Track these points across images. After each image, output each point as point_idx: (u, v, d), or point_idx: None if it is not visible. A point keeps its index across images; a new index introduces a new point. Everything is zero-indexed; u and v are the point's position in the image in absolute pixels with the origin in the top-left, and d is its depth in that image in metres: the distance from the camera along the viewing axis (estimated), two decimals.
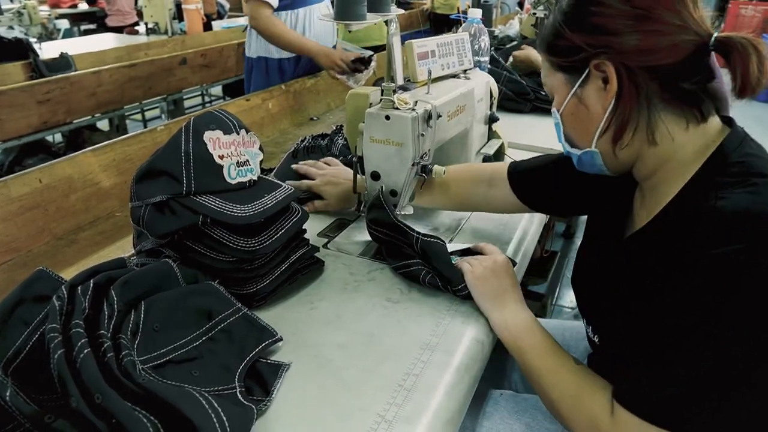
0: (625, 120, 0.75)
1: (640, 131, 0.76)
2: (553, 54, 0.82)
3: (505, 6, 4.87)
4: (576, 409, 0.76)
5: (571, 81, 0.80)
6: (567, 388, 0.78)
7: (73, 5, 6.77)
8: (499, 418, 0.93)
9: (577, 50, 0.77)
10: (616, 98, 0.75)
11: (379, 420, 0.70)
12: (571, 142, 0.85)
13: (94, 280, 0.74)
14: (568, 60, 0.79)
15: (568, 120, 0.83)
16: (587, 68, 0.77)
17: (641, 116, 0.75)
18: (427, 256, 0.97)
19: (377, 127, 1.02)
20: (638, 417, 0.66)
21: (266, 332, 0.82)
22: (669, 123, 0.75)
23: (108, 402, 0.58)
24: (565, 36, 0.78)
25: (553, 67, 0.83)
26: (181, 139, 0.87)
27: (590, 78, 0.77)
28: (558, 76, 0.82)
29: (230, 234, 0.86)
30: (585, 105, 0.79)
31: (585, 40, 0.76)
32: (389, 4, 1.34)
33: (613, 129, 0.77)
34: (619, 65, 0.73)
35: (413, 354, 0.82)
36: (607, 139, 0.79)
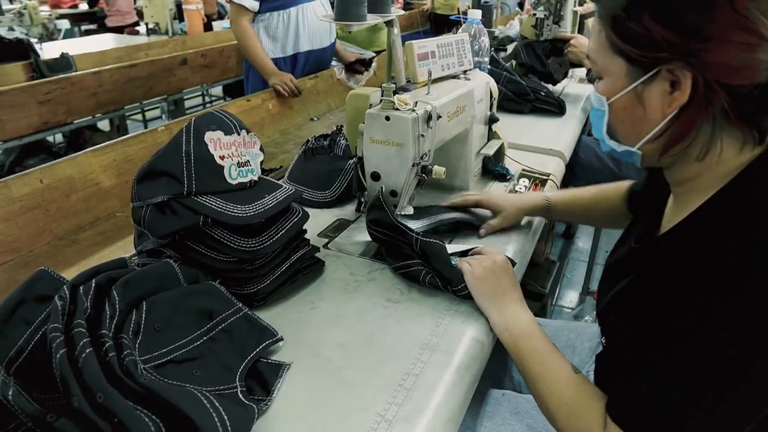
0: (683, 132, 0.69)
1: (693, 146, 0.70)
2: (622, 38, 0.70)
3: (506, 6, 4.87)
4: (571, 419, 0.75)
5: (634, 74, 0.70)
6: (564, 396, 0.77)
7: (74, 5, 6.77)
8: (501, 419, 0.94)
9: (655, 45, 0.66)
10: (681, 108, 0.68)
11: (379, 419, 0.70)
12: (612, 134, 0.78)
13: (96, 280, 0.74)
14: (638, 52, 0.69)
15: (617, 113, 0.75)
16: (658, 68, 0.68)
17: (701, 132, 0.68)
18: (426, 257, 0.97)
19: (377, 128, 1.02)
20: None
21: (267, 332, 0.82)
22: (726, 143, 0.68)
23: (110, 401, 0.58)
24: (644, 23, 0.67)
25: (614, 50, 0.72)
26: (182, 139, 0.88)
27: (656, 77, 0.68)
28: (617, 62, 0.72)
29: (231, 234, 0.86)
30: (643, 105, 0.71)
31: (669, 37, 0.65)
32: (389, 5, 1.35)
33: (667, 138, 0.71)
34: (698, 76, 0.64)
35: (413, 354, 0.82)
36: (657, 145, 0.73)
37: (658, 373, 0.65)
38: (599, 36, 0.74)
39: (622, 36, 0.70)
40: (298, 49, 2.49)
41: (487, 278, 0.92)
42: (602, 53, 0.74)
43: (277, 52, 2.47)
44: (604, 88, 0.75)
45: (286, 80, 2.29)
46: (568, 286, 2.74)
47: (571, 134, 1.88)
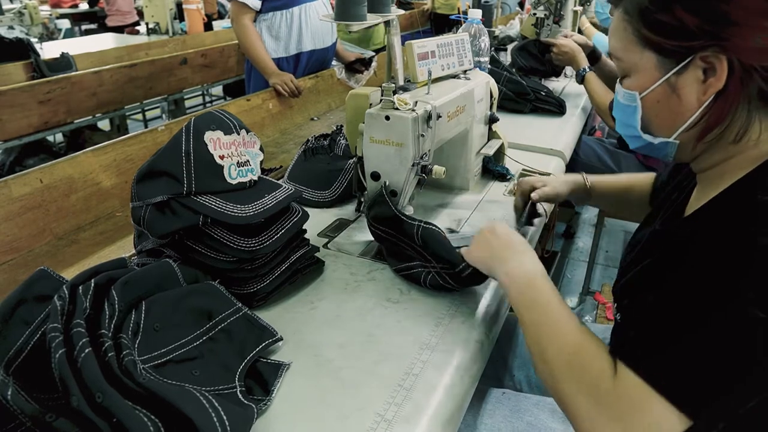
0: (721, 117, 0.70)
1: (730, 129, 0.71)
2: (652, 30, 0.71)
3: (506, 6, 4.87)
4: (573, 366, 0.69)
5: (665, 65, 0.72)
6: (566, 344, 0.72)
7: (74, 5, 6.77)
8: (502, 417, 0.93)
9: (689, 35, 0.68)
10: (717, 93, 0.69)
11: (378, 419, 0.70)
12: (646, 128, 0.78)
13: (95, 279, 0.74)
14: (671, 42, 0.70)
15: (652, 107, 0.76)
16: (692, 56, 0.69)
17: (737, 115, 0.70)
18: (427, 245, 0.96)
19: (377, 128, 1.02)
20: (643, 380, 0.62)
21: (266, 332, 0.82)
22: (764, 124, 0.70)
23: (109, 401, 0.58)
24: (675, 14, 0.68)
25: (642, 43, 0.73)
26: (182, 139, 0.88)
27: (690, 66, 0.70)
28: (647, 56, 0.73)
29: (231, 234, 0.86)
30: (677, 94, 0.72)
31: (702, 25, 0.67)
32: (389, 5, 1.35)
33: (704, 124, 0.72)
34: (734, 61, 0.66)
35: (413, 354, 0.82)
36: (694, 133, 0.74)
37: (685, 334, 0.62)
38: (624, 33, 0.75)
39: (653, 29, 0.71)
40: (301, 48, 2.49)
41: (484, 243, 0.89)
42: (630, 49, 0.75)
43: (280, 52, 2.47)
44: (634, 84, 0.76)
45: (286, 80, 2.29)
46: (568, 286, 2.73)
47: (572, 134, 1.88)
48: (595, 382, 0.66)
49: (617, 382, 0.64)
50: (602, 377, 0.66)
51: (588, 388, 0.66)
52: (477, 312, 0.92)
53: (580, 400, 0.66)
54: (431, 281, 0.96)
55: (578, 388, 0.67)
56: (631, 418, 0.62)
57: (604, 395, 0.64)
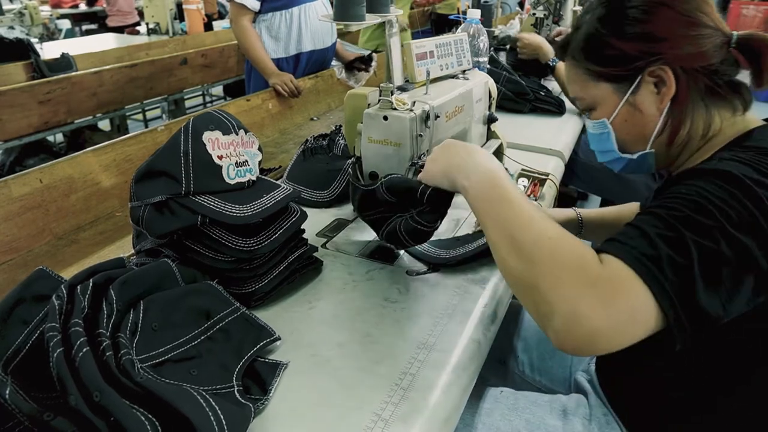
0: (682, 118, 0.80)
1: (695, 127, 0.80)
2: (599, 64, 0.83)
3: (506, 6, 4.87)
4: (555, 251, 0.65)
5: (621, 89, 0.82)
6: (546, 230, 0.68)
7: (75, 5, 6.78)
8: (500, 415, 0.94)
9: (631, 59, 0.79)
10: (673, 99, 0.79)
11: (375, 419, 0.70)
12: (623, 147, 0.87)
13: (94, 279, 0.75)
14: (617, 69, 0.81)
15: (620, 128, 0.86)
16: (640, 75, 0.80)
17: (697, 113, 0.80)
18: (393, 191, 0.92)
19: (375, 128, 1.02)
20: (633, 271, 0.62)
21: (264, 331, 0.82)
22: (721, 115, 0.80)
23: (106, 400, 0.58)
24: (613, 46, 0.80)
25: (594, 78, 0.85)
26: (180, 139, 0.88)
27: (642, 83, 0.80)
28: (603, 87, 0.84)
29: (229, 234, 0.87)
30: (639, 110, 0.82)
31: (638, 48, 0.79)
32: (388, 5, 1.35)
33: (670, 128, 0.81)
34: (677, 69, 0.78)
35: (410, 353, 0.82)
36: (664, 139, 0.82)
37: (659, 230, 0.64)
38: (577, 76, 0.87)
39: (599, 63, 0.83)
40: (301, 49, 2.49)
41: (436, 158, 0.85)
42: (587, 87, 0.86)
43: (279, 52, 2.47)
44: (601, 113, 0.86)
45: (286, 80, 2.30)
46: None
47: (571, 134, 1.88)
48: (581, 264, 0.64)
49: (604, 266, 0.64)
50: (589, 261, 0.64)
51: (575, 271, 0.63)
52: (474, 312, 0.93)
53: (563, 282, 0.63)
54: (405, 226, 0.90)
55: (562, 272, 0.64)
56: (614, 300, 0.61)
57: (589, 277, 0.63)
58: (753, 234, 0.62)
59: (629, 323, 0.61)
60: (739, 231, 0.61)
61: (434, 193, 0.86)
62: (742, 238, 0.61)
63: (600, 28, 0.82)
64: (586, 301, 0.61)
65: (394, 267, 1.06)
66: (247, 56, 2.48)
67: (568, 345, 0.63)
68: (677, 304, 0.61)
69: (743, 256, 0.61)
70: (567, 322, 0.62)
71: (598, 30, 0.82)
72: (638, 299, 0.61)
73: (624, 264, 0.63)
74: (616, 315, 0.61)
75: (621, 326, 0.61)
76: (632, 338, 0.62)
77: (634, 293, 0.61)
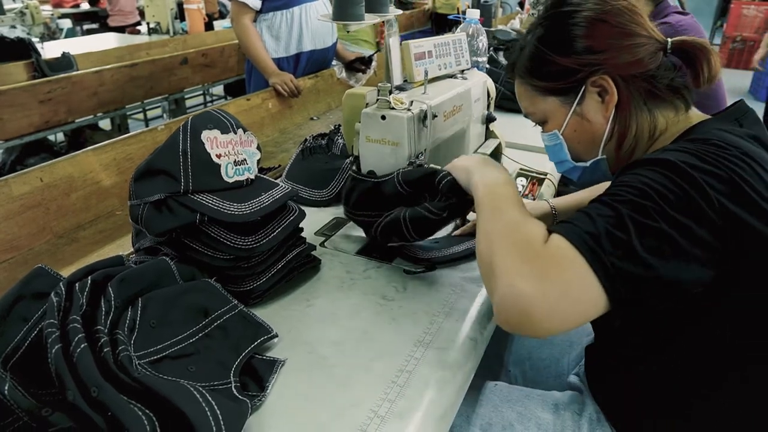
0: (628, 123, 0.84)
1: (641, 130, 0.85)
2: (543, 80, 0.88)
3: (507, 6, 4.87)
4: (509, 232, 0.73)
5: (567, 101, 0.87)
6: (510, 219, 0.76)
7: (76, 5, 6.78)
8: (492, 407, 0.95)
9: (572, 72, 0.84)
10: (617, 106, 0.84)
11: (371, 416, 0.71)
12: (576, 156, 0.92)
13: (92, 276, 0.75)
14: (561, 82, 0.86)
15: (571, 137, 0.90)
16: (583, 86, 0.85)
17: (641, 116, 0.84)
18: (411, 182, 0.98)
19: (373, 127, 1.03)
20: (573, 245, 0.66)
21: (262, 329, 0.83)
22: (664, 115, 0.85)
23: (104, 395, 0.59)
24: (554, 61, 0.85)
25: (542, 93, 0.90)
26: (179, 138, 0.88)
27: (586, 94, 0.85)
28: (550, 100, 0.89)
29: (227, 232, 0.87)
30: (587, 119, 0.87)
31: (578, 62, 0.84)
32: (387, 5, 1.35)
33: (618, 133, 0.86)
34: (616, 77, 0.83)
35: (407, 351, 0.83)
36: (612, 144, 0.87)
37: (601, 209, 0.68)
38: (526, 92, 0.93)
39: (544, 79, 0.88)
40: (301, 48, 2.49)
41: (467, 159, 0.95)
42: (535, 102, 0.92)
43: (280, 52, 2.47)
44: (552, 126, 0.91)
45: (286, 80, 2.30)
46: None
47: None
48: (526, 241, 0.70)
49: (548, 244, 0.68)
50: (535, 240, 0.70)
51: (519, 247, 0.69)
52: (471, 310, 0.93)
53: (509, 257, 0.69)
54: (411, 213, 0.94)
55: (510, 249, 0.70)
56: (549, 273, 0.65)
57: (532, 252, 0.68)
58: (690, 213, 0.65)
59: (564, 297, 0.64)
60: (677, 211, 0.65)
61: (453, 180, 0.93)
62: (679, 217, 0.65)
63: (541, 46, 0.87)
64: (523, 275, 0.66)
65: (391, 265, 1.06)
66: (247, 55, 2.49)
67: (505, 318, 0.67)
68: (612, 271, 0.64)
69: (682, 232, 0.64)
70: (504, 294, 0.66)
71: (540, 49, 0.87)
72: (574, 272, 0.65)
73: (565, 240, 0.67)
74: (551, 288, 0.64)
75: (555, 300, 0.64)
76: (570, 315, 0.65)
77: (571, 266, 0.65)
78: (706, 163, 0.68)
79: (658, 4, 2.04)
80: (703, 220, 0.65)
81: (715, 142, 0.72)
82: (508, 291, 0.66)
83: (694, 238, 0.65)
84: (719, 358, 0.75)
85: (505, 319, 0.67)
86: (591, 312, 0.66)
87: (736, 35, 7.27)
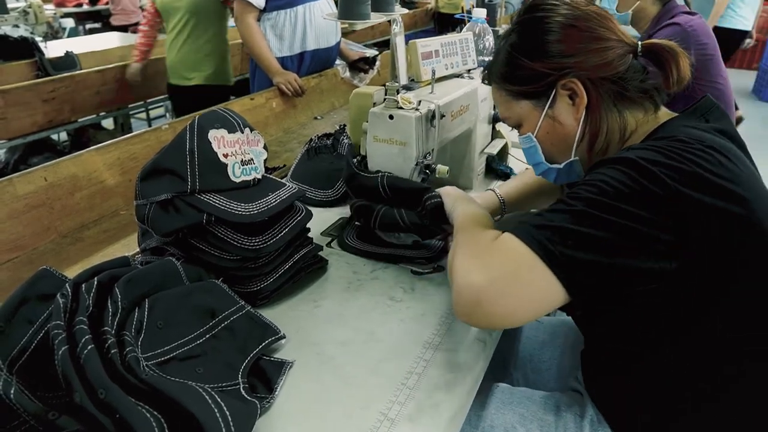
0: (598, 124, 0.86)
1: (612, 131, 0.86)
2: (516, 84, 0.90)
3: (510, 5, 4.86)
4: (467, 237, 0.81)
5: (540, 104, 0.89)
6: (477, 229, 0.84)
7: (78, 4, 6.78)
8: (494, 409, 0.94)
9: (542, 76, 0.86)
10: (587, 108, 0.85)
11: (381, 418, 0.70)
12: (551, 159, 0.94)
13: (98, 278, 0.74)
14: (533, 86, 0.88)
15: (545, 139, 0.92)
16: (554, 89, 0.87)
17: (611, 117, 0.86)
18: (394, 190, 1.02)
19: (381, 127, 1.02)
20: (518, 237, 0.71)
21: (269, 330, 0.82)
22: (633, 117, 0.86)
23: (111, 397, 0.58)
24: (525, 66, 0.87)
25: (515, 98, 0.92)
26: (186, 137, 0.88)
27: (557, 97, 0.87)
28: (523, 104, 0.91)
29: (234, 232, 0.86)
30: (559, 122, 0.89)
31: (548, 65, 0.86)
32: (393, 4, 1.35)
33: (589, 135, 0.87)
34: (585, 80, 0.84)
35: (416, 352, 0.82)
36: (584, 146, 0.89)
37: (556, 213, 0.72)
38: (500, 97, 0.94)
39: (516, 83, 0.90)
40: (305, 47, 2.48)
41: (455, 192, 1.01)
42: (509, 106, 0.93)
43: (284, 51, 2.46)
44: (526, 128, 0.93)
45: (290, 79, 2.29)
46: None
47: None
48: (477, 241, 0.79)
49: (497, 240, 0.75)
50: (485, 239, 0.78)
51: (472, 247, 0.78)
52: None
53: (464, 257, 0.76)
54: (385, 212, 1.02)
55: (465, 250, 0.78)
56: (495, 261, 0.72)
57: (482, 248, 0.76)
58: (646, 205, 0.67)
59: (512, 284, 0.70)
60: (632, 205, 0.67)
61: (440, 203, 0.98)
62: (634, 209, 0.67)
63: (513, 52, 0.89)
64: (473, 268, 0.73)
65: (398, 266, 1.05)
66: (251, 54, 2.48)
67: (461, 311, 0.73)
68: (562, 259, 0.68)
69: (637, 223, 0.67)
70: (458, 287, 0.73)
71: (512, 54, 0.89)
72: (521, 261, 0.70)
73: (512, 235, 0.73)
74: (498, 276, 0.70)
75: (503, 287, 0.70)
76: (521, 301, 0.70)
77: (517, 256, 0.70)
78: (670, 159, 0.70)
79: (665, 4, 2.03)
80: (660, 212, 0.67)
81: (680, 138, 0.75)
82: (461, 283, 0.73)
83: (650, 229, 0.67)
84: (713, 355, 0.75)
85: (461, 311, 0.73)
86: (545, 300, 0.70)
87: None
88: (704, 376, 0.76)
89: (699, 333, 0.74)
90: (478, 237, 0.80)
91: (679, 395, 0.78)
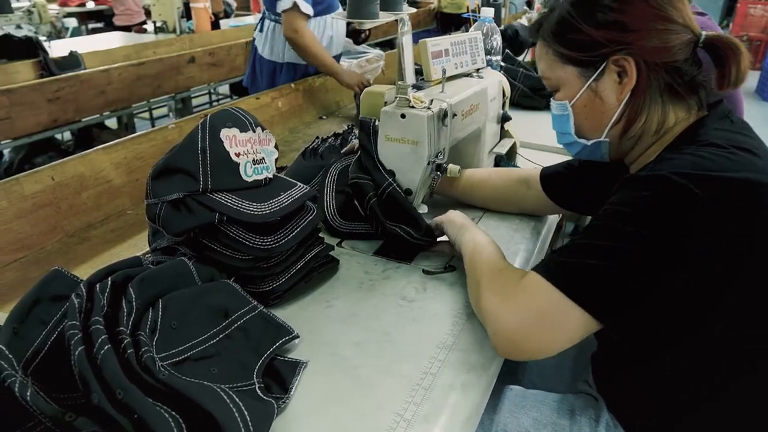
0: (638, 111, 0.82)
1: (649, 122, 0.82)
2: (568, 48, 0.85)
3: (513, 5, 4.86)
4: (493, 275, 0.83)
5: (585, 74, 0.84)
6: (495, 263, 0.87)
7: (81, 4, 6.78)
8: (508, 412, 0.93)
9: (597, 45, 0.81)
10: (632, 91, 0.81)
11: (398, 419, 0.70)
12: (580, 132, 0.90)
13: (112, 278, 0.74)
14: (584, 54, 0.83)
15: (580, 112, 0.88)
16: (605, 62, 0.81)
17: (653, 108, 0.82)
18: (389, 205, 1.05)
19: (392, 126, 1.02)
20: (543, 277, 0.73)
21: (283, 329, 0.82)
22: (677, 113, 0.82)
23: (129, 397, 0.58)
24: (582, 30, 0.82)
25: (562, 60, 0.86)
26: (198, 136, 0.87)
27: (606, 71, 0.82)
28: (568, 69, 0.86)
29: (246, 232, 0.86)
30: (600, 97, 0.84)
31: (606, 36, 0.80)
32: (401, 3, 1.34)
33: (626, 119, 0.83)
34: (639, 61, 0.79)
35: (430, 353, 0.82)
36: (618, 129, 0.85)
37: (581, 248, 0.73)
38: (546, 56, 0.89)
39: (568, 46, 0.85)
40: (330, 54, 2.44)
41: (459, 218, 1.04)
42: (554, 68, 0.88)
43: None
44: (563, 95, 0.88)
45: (363, 81, 2.26)
46: None
47: None
48: (505, 283, 0.80)
49: (522, 281, 0.77)
50: (512, 280, 0.79)
51: (498, 288, 0.80)
52: None
53: (491, 301, 0.79)
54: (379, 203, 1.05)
55: (492, 289, 0.81)
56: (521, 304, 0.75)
57: (507, 290, 0.78)
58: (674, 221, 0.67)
59: (539, 323, 0.72)
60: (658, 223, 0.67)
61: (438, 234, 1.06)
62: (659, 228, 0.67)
63: (572, 12, 0.83)
64: (503, 314, 0.76)
65: (410, 266, 1.05)
66: (313, 62, 2.36)
67: (500, 351, 0.78)
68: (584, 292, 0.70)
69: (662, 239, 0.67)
70: (494, 332, 0.77)
71: (571, 14, 0.83)
72: (545, 298, 0.72)
73: (536, 273, 0.75)
74: (526, 317, 0.73)
75: (535, 329, 0.73)
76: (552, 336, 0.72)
77: (540, 294, 0.72)
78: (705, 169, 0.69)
79: None
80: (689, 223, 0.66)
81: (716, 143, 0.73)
82: (494, 328, 0.77)
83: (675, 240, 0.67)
84: (722, 355, 0.74)
85: (500, 350, 0.78)
86: (575, 331, 0.72)
87: (743, 35, 7.24)
88: (715, 373, 0.75)
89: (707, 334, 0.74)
90: (503, 278, 0.81)
91: (695, 393, 0.78)
